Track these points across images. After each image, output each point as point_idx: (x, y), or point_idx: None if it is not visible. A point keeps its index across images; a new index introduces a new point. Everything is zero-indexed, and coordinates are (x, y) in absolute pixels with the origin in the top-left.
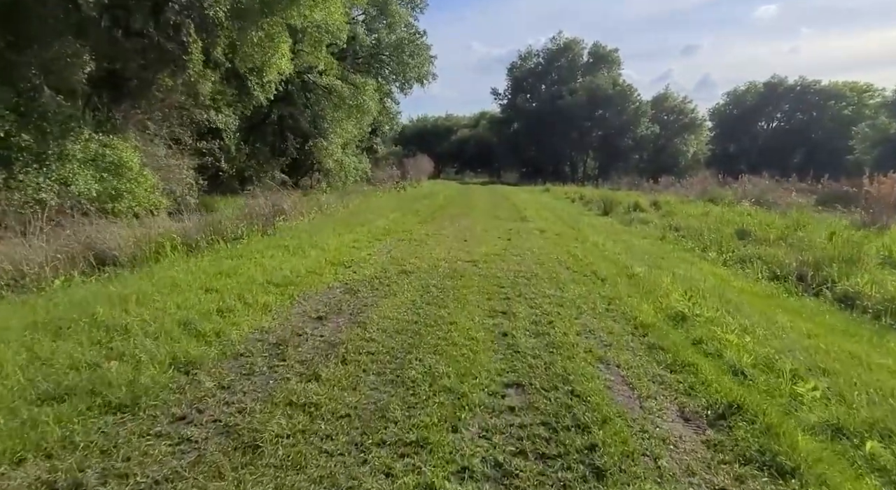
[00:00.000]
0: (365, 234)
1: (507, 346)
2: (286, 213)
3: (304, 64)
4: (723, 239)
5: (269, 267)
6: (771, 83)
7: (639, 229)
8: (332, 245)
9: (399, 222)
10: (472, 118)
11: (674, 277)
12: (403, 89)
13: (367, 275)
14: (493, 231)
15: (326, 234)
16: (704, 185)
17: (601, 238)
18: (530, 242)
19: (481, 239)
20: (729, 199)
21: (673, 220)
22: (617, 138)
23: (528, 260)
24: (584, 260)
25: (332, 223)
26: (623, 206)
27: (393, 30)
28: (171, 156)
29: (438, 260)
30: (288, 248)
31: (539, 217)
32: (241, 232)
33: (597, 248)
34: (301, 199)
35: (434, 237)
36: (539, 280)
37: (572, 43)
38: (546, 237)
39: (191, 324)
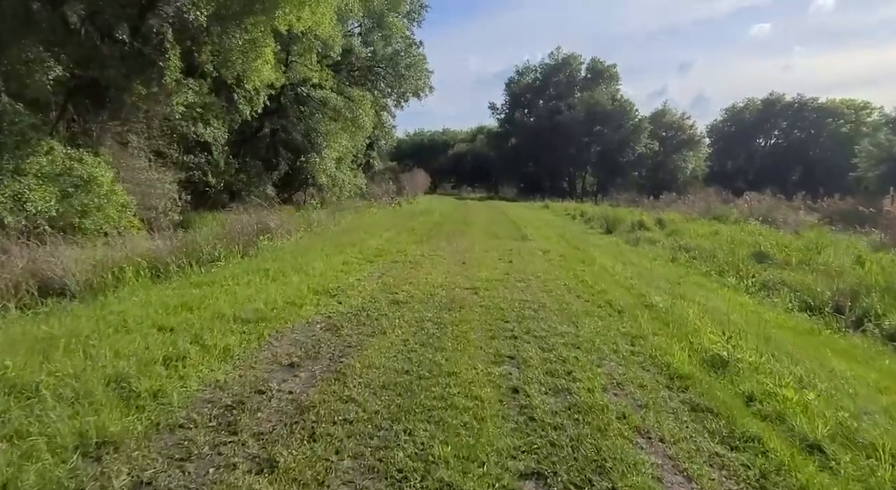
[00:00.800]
0: (355, 256)
1: (519, 409)
2: (272, 231)
3: (298, 76)
4: (739, 262)
5: (241, 297)
6: (769, 100)
7: (646, 250)
8: (318, 269)
9: (393, 242)
10: (469, 133)
11: (699, 309)
12: (400, 103)
13: (353, 306)
14: (493, 252)
15: (313, 256)
16: (708, 202)
17: (609, 260)
18: (534, 265)
19: (481, 261)
20: (735, 217)
21: (681, 240)
22: (616, 154)
23: (533, 286)
24: (594, 286)
25: (321, 243)
26: (627, 224)
27: (389, 42)
28: (154, 170)
29: (435, 287)
30: (267, 273)
31: (540, 236)
32: (218, 253)
33: (606, 272)
34: (290, 215)
35: (430, 259)
36: (548, 312)
37: (570, 58)
38: (550, 259)
39: (124, 380)
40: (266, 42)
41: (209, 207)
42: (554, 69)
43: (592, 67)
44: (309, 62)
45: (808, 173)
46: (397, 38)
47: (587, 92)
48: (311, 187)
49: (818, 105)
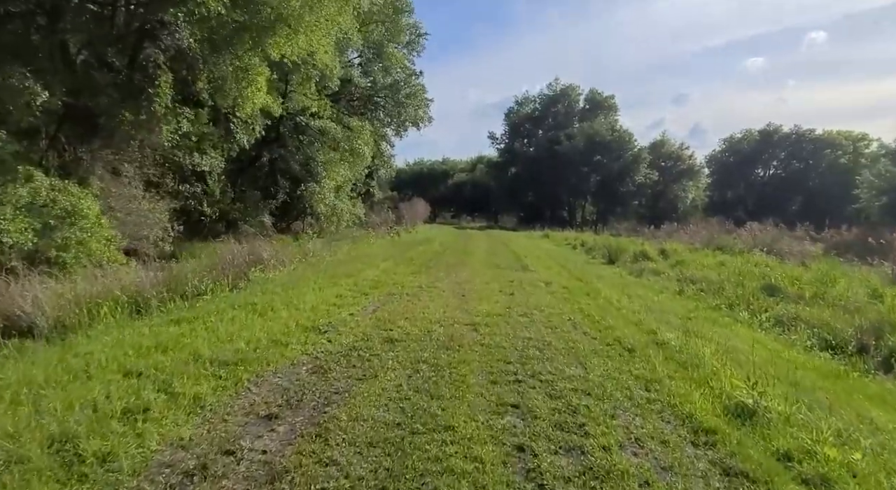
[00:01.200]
0: (350, 288)
1: (526, 473)
2: (265, 262)
3: (296, 105)
4: (750, 295)
5: (222, 335)
6: (766, 131)
7: (651, 281)
8: (310, 302)
9: (390, 273)
10: (469, 162)
11: (714, 347)
12: (399, 132)
13: (344, 345)
14: (494, 283)
15: (305, 289)
16: (711, 232)
17: (614, 292)
18: (536, 298)
19: (481, 293)
20: (738, 247)
21: (686, 271)
22: (615, 184)
23: (536, 322)
24: (601, 322)
25: (316, 274)
26: (629, 254)
27: (389, 72)
28: (147, 199)
29: (432, 322)
30: (255, 308)
31: (542, 266)
32: (205, 287)
33: (612, 306)
34: (285, 246)
35: (428, 291)
36: (554, 352)
37: (569, 89)
38: (552, 291)
39: (70, 441)
40: (258, 70)
41: (204, 237)
42: (553, 100)
43: (591, 98)
44: (307, 91)
45: (808, 203)
46: (397, 68)
47: (586, 122)
48: (310, 216)
49: (815, 136)
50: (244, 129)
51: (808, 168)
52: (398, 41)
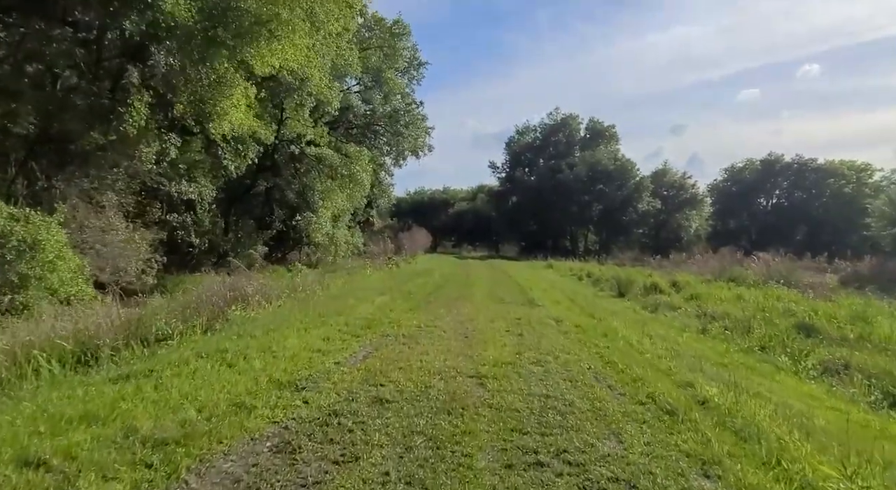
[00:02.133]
0: (340, 329)
1: None
2: (248, 298)
3: (292, 132)
4: (784, 336)
5: (173, 397)
6: (768, 160)
7: (669, 318)
8: (291, 348)
9: (386, 309)
10: (469, 191)
11: (768, 406)
12: (398, 161)
13: (322, 407)
14: (500, 321)
15: (289, 330)
16: (722, 263)
17: (632, 332)
18: (548, 340)
19: (486, 334)
20: (752, 279)
21: (704, 306)
22: (618, 213)
23: (552, 372)
24: (627, 371)
25: (304, 312)
26: (639, 286)
27: (388, 100)
28: (131, 229)
29: (431, 374)
30: (224, 357)
31: (549, 300)
32: (171, 330)
33: (634, 350)
34: (277, 278)
35: (427, 332)
36: (579, 417)
37: (569, 119)
38: (564, 331)
39: None
40: (235, 81)
41: (193, 269)
42: (553, 129)
43: (591, 128)
44: (301, 117)
45: (813, 233)
46: (396, 95)
47: (588, 151)
48: (307, 246)
49: (818, 166)
50: (233, 155)
51: (811, 198)
52: (396, 67)
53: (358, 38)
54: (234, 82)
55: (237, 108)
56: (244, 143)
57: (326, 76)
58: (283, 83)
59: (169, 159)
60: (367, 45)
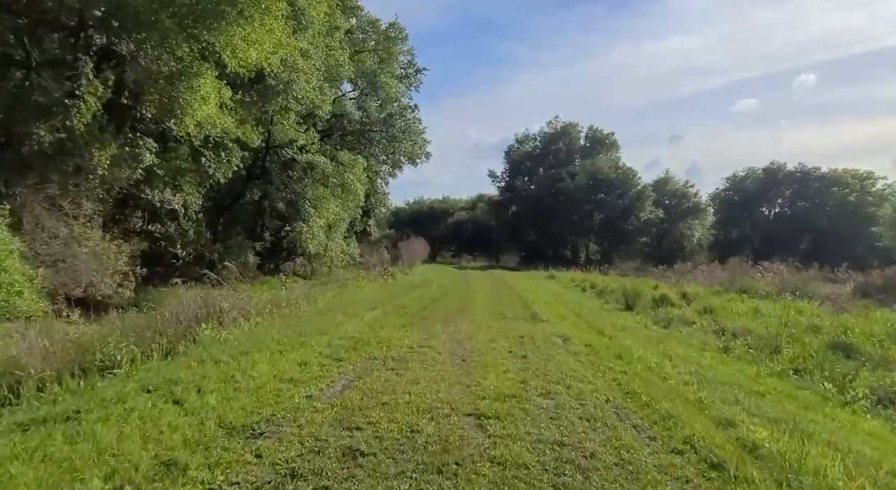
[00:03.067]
0: (320, 351)
1: None
2: (223, 314)
3: (283, 138)
4: (819, 357)
5: (84, 453)
6: (770, 169)
7: (684, 334)
8: (259, 376)
9: (376, 327)
10: (469, 201)
11: (836, 456)
12: (394, 169)
13: (278, 463)
14: (501, 340)
15: (261, 353)
16: (732, 273)
17: (649, 352)
18: (556, 363)
19: (486, 356)
20: (764, 290)
21: (721, 321)
22: (620, 222)
23: (565, 408)
24: (652, 405)
25: (283, 330)
26: (648, 298)
27: (384, 107)
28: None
29: (420, 412)
30: (174, 390)
31: (553, 314)
32: (122, 356)
33: (655, 375)
34: (260, 291)
35: (420, 354)
36: (604, 478)
37: (569, 127)
38: (574, 351)
39: None
40: (201, 71)
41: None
42: (553, 137)
43: (591, 136)
44: (287, 121)
45: (817, 242)
46: (393, 102)
47: (588, 160)
48: (301, 257)
49: (821, 174)
50: (217, 162)
51: (814, 206)
52: (392, 71)
53: (351, 40)
54: (199, 74)
55: (205, 104)
56: (228, 149)
57: (316, 79)
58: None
59: (143, 165)
60: (361, 48)
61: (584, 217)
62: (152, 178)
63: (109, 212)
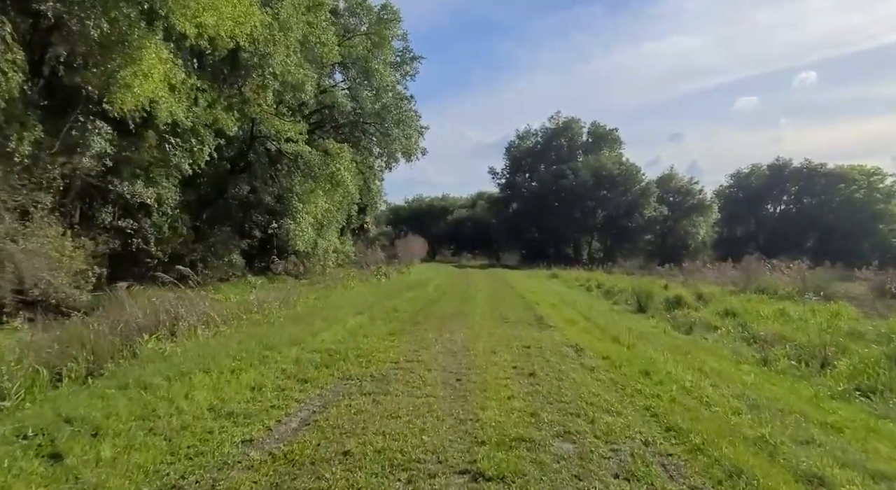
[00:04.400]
0: (284, 369)
1: None
2: (180, 322)
3: (269, 129)
4: (887, 372)
5: None
6: (776, 166)
7: (710, 342)
8: (191, 410)
9: (359, 335)
10: (469, 199)
11: None
12: (389, 163)
13: None
14: (504, 351)
15: (207, 375)
16: (747, 272)
17: (680, 368)
18: (571, 383)
19: (486, 374)
20: (784, 289)
21: (749, 325)
22: (623, 219)
23: (593, 459)
24: (706, 449)
25: (246, 341)
26: (660, 299)
27: (379, 97)
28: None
29: (393, 468)
30: (61, 434)
31: (561, 318)
32: (18, 382)
33: (692, 398)
34: (232, 294)
35: (406, 372)
36: None
37: (571, 122)
38: (591, 367)
39: None
40: (144, 42)
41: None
42: (555, 133)
43: (594, 131)
44: (264, 101)
45: (823, 239)
46: (388, 92)
47: (591, 155)
48: (293, 255)
49: (827, 171)
50: (185, 151)
51: (821, 203)
52: (385, 57)
53: (343, 26)
54: (143, 43)
55: (147, 80)
56: (199, 136)
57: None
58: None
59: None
60: (351, 32)
61: (586, 214)
62: (121, 168)
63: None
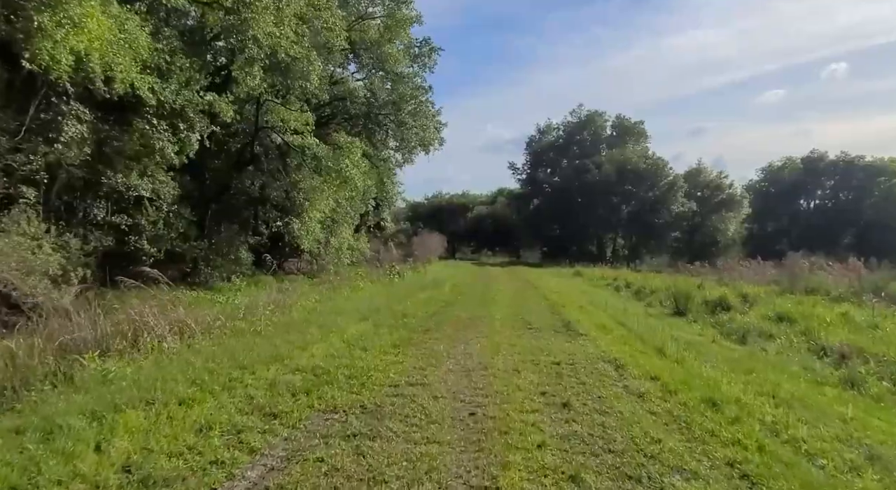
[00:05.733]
0: (250, 399)
1: None
2: (145, 333)
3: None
4: None
5: None
6: (810, 158)
7: (771, 354)
8: (108, 460)
9: (358, 347)
10: (489, 195)
11: None
12: (406, 156)
13: None
14: (529, 370)
15: (148, 408)
16: (793, 270)
17: (750, 393)
18: (618, 419)
19: (508, 406)
20: (838, 291)
21: (810, 333)
22: (649, 215)
23: None
24: None
25: (219, 357)
26: (698, 301)
27: (395, 88)
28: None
29: None
30: None
31: (592, 323)
32: None
33: (783, 444)
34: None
35: (406, 401)
36: None
37: (594, 115)
38: (638, 390)
39: None
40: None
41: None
42: (577, 127)
43: (618, 125)
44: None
45: (861, 235)
46: (402, 80)
47: (616, 149)
48: (307, 253)
49: (866, 163)
50: (169, 136)
51: (858, 198)
52: (400, 40)
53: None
54: None
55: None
56: (189, 121)
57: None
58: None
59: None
60: (364, 15)
61: (610, 210)
62: (114, 159)
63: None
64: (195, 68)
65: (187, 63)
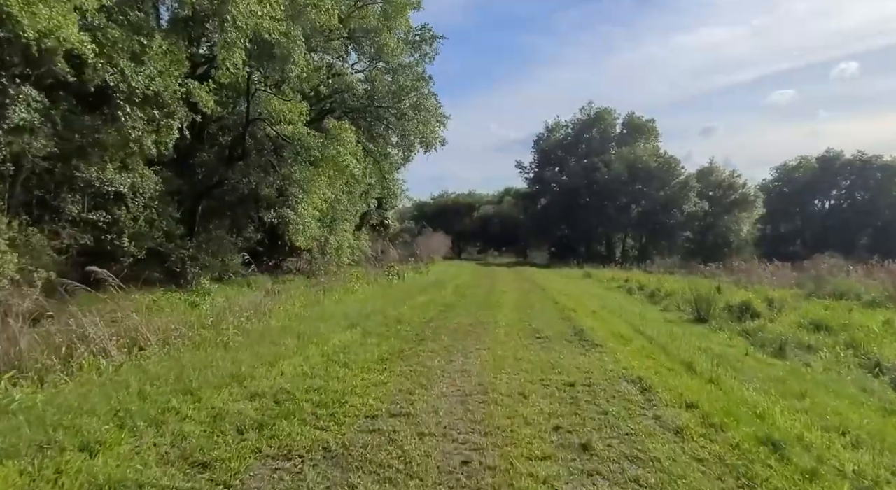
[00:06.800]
0: (185, 438)
1: None
2: (84, 346)
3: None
4: None
5: None
6: (825, 158)
7: (818, 371)
8: None
9: (339, 361)
10: (495, 194)
11: None
12: (407, 153)
13: None
14: (538, 392)
15: (43, 453)
16: (818, 272)
17: (819, 433)
18: (654, 468)
19: (511, 448)
20: (870, 295)
21: (857, 345)
22: (660, 215)
23: None
24: None
25: (161, 377)
26: (722, 306)
27: (396, 79)
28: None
29: None
30: None
31: (608, 332)
32: None
33: None
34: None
35: (384, 442)
36: None
37: (604, 113)
38: (674, 424)
39: None
40: None
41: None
42: (586, 125)
43: (629, 122)
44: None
45: (879, 237)
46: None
47: (626, 147)
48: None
49: (884, 163)
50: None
51: (876, 198)
52: (400, 27)
53: None
54: None
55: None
56: (166, 108)
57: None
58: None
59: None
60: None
61: (620, 210)
62: (88, 151)
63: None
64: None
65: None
